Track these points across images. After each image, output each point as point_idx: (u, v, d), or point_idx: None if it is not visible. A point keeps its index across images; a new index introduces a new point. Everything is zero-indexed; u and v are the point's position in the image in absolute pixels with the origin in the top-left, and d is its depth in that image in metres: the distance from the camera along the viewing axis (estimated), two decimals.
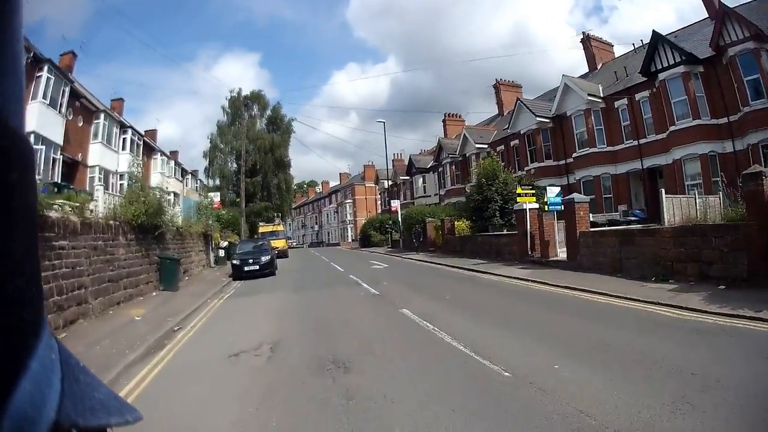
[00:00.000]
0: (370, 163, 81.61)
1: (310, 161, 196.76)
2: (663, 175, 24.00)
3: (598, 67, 32.34)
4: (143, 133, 38.89)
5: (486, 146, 37.56)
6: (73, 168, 23.61)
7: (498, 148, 36.12)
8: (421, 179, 49.66)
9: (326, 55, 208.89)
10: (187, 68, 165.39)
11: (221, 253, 26.75)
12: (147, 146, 35.80)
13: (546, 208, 19.17)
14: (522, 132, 32.82)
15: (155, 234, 16.05)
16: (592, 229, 16.35)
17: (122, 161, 28.78)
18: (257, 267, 20.27)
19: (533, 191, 21.13)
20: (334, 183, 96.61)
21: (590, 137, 27.70)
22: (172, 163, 42.16)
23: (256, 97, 49.33)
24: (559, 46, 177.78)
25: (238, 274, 20.18)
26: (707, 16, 24.94)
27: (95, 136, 26.26)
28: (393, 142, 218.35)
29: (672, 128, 22.56)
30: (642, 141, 25.04)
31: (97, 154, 26.58)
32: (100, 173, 26.07)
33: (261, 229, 37.72)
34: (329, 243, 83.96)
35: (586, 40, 33.74)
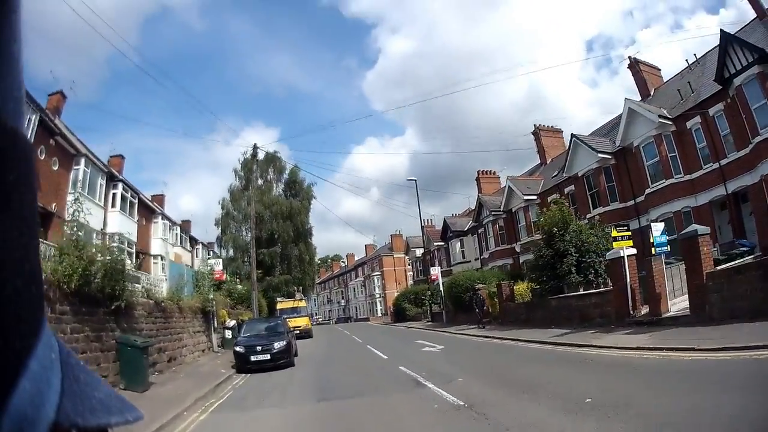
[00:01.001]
0: (397, 232, 76.72)
1: (333, 237, 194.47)
2: (748, 197, 19.81)
3: (651, 93, 27.71)
4: (149, 196, 34.99)
5: (535, 197, 32.46)
6: (47, 220, 18.81)
7: (550, 198, 30.75)
8: (458, 243, 44.24)
9: (345, 130, 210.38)
10: (206, 141, 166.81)
11: (228, 334, 21.36)
12: (145, 207, 31.38)
13: (653, 251, 15.33)
14: (580, 174, 27.68)
15: (111, 307, 11.00)
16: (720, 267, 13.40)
17: (111, 220, 24.77)
18: (268, 356, 14.82)
19: (629, 233, 16.06)
20: (359, 256, 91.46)
21: (665, 167, 22.66)
22: (178, 229, 37.62)
23: (272, 159, 45.39)
24: (574, 103, 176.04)
25: (242, 365, 14.91)
26: (755, 16, 21.46)
27: (74, 184, 21.71)
28: (414, 212, 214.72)
29: (756, 139, 18.23)
30: (723, 162, 20.47)
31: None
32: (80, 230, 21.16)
33: (280, 305, 32.24)
34: (357, 318, 77.44)
35: (634, 65, 29.05)
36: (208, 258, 37.94)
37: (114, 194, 25.81)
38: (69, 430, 0.37)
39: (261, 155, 45.08)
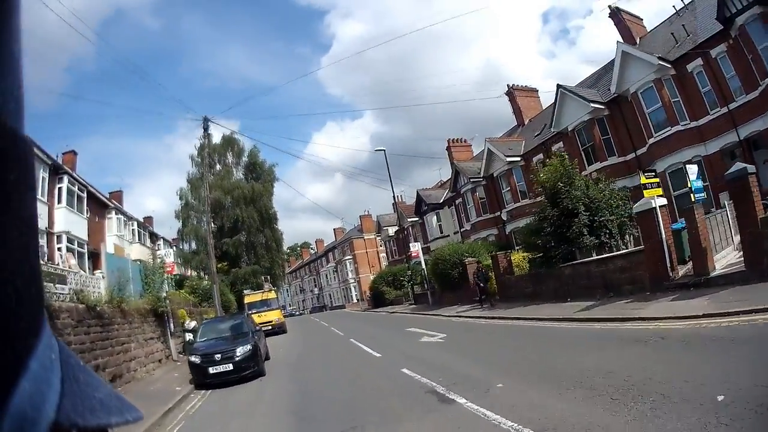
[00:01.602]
0: (366, 213, 73.80)
1: (300, 225, 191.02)
2: (760, 143, 18.40)
3: (638, 41, 25.23)
4: (106, 194, 31.12)
5: (519, 158, 29.89)
6: None
7: (535, 158, 28.15)
8: (435, 217, 41.55)
9: (303, 117, 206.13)
10: (167, 140, 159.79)
11: (189, 337, 18.03)
12: (97, 201, 27.54)
13: (692, 198, 14.43)
14: (570, 129, 25.18)
15: None
16: None
17: (58, 217, 21.76)
18: (230, 366, 11.74)
19: (657, 179, 13.62)
20: (329, 241, 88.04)
21: (669, 114, 20.54)
22: (135, 225, 33.62)
23: (230, 142, 41.69)
24: (532, 76, 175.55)
25: (200, 379, 11.87)
26: None
27: None
28: (380, 196, 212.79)
29: (766, 81, 16.88)
30: (731, 106, 18.78)
31: None
32: None
33: (247, 299, 28.30)
34: (333, 306, 74.48)
35: (616, 14, 26.44)
36: (156, 250, 34.31)
37: (60, 188, 22.49)
38: (69, 430, 0.37)
39: (218, 138, 41.53)
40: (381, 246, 70.75)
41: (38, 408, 0.34)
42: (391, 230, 51.71)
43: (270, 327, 24.18)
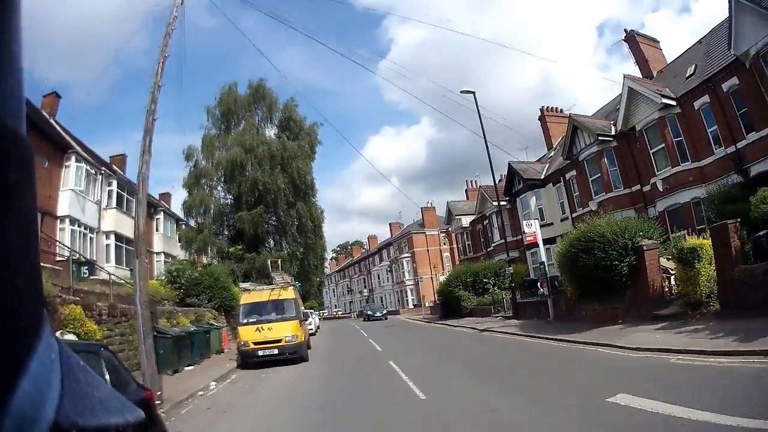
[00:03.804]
0: (428, 204, 62.44)
1: (351, 228, 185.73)
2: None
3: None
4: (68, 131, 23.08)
5: (674, 103, 19.26)
6: None
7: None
8: (533, 198, 29.72)
9: (360, 121, 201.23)
10: None
11: None
12: (49, 140, 19.46)
13: None
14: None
15: None
16: None
17: None
18: None
19: None
20: (383, 239, 76.98)
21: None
22: (114, 184, 24.08)
23: (258, 92, 31.29)
24: (589, 88, 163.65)
25: None
26: None
27: None
28: (439, 200, 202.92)
29: None
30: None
31: None
32: None
33: (245, 299, 16.01)
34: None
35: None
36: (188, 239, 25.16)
37: None
38: (69, 430, 0.37)
39: (243, 88, 31.57)
40: (445, 244, 59.40)
41: (38, 408, 0.34)
42: (465, 220, 40.03)
43: (275, 353, 13.50)
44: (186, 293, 19.16)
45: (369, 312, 46.56)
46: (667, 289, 13.46)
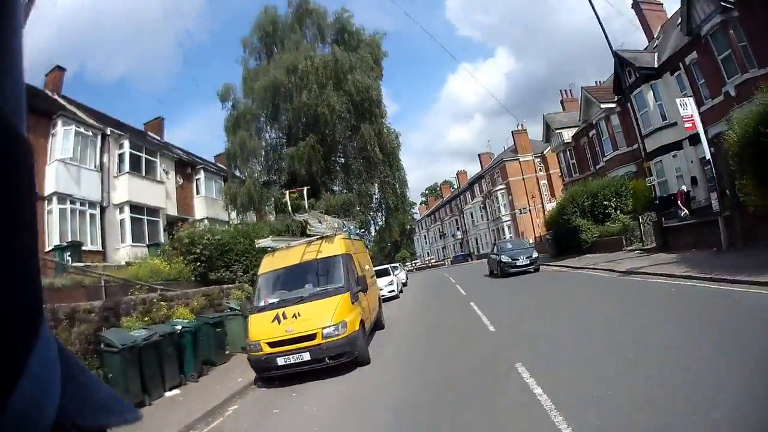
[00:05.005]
0: (519, 127, 55.19)
1: (438, 171, 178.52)
2: None
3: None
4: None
5: None
6: None
7: None
8: (650, 93, 22.79)
9: (436, 60, 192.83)
10: None
11: None
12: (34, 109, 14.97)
13: None
14: None
15: None
16: None
17: None
18: None
19: None
20: (473, 174, 70.54)
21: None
22: (126, 143, 20.40)
23: (300, 7, 26.13)
24: None
25: None
26: None
27: None
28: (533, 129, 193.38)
29: None
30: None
31: None
32: None
33: (264, 266, 10.06)
34: (480, 255, 58.22)
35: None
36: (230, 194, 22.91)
37: None
38: (69, 430, 0.37)
39: (283, 7, 26.68)
40: (541, 170, 52.50)
41: (38, 408, 0.34)
42: (567, 135, 33.01)
43: (306, 358, 7.85)
44: (209, 266, 14.68)
45: (504, 257, 20.04)
46: None
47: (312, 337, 7.86)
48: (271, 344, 7.93)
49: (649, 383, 4.43)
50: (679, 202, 18.30)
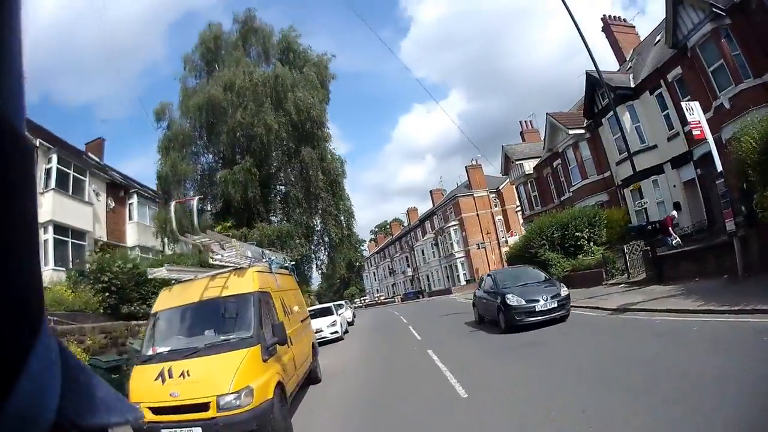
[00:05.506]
0: (473, 162, 53.89)
1: (391, 209, 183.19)
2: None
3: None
4: None
5: None
6: None
7: None
8: (627, 114, 21.16)
9: (389, 101, 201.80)
10: None
11: None
12: None
13: None
14: None
15: None
16: None
17: None
18: None
19: None
20: (423, 210, 68.71)
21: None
22: (55, 158, 18.44)
23: (246, 24, 24.04)
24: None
25: None
26: None
27: None
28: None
29: None
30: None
31: None
32: None
33: (160, 302, 7.26)
34: (432, 292, 55.30)
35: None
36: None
37: None
38: (69, 430, 0.37)
39: (228, 25, 24.33)
40: (497, 206, 51.02)
41: (38, 408, 0.33)
42: (528, 166, 31.27)
43: None
44: (120, 298, 12.32)
45: (512, 298, 11.01)
46: None
47: (204, 407, 5.44)
48: (154, 410, 5.51)
49: None
50: (670, 228, 16.42)
